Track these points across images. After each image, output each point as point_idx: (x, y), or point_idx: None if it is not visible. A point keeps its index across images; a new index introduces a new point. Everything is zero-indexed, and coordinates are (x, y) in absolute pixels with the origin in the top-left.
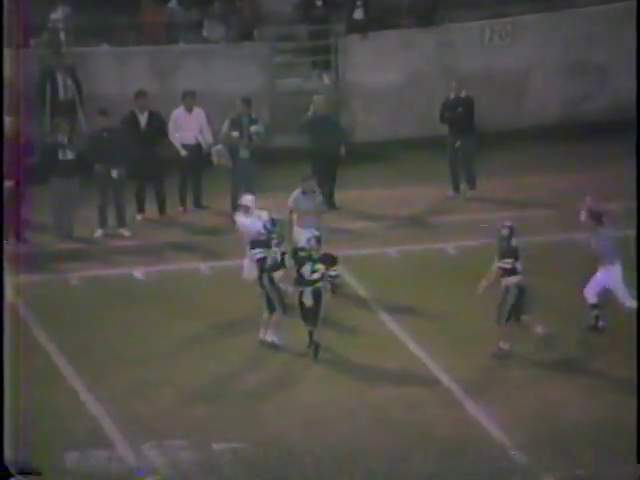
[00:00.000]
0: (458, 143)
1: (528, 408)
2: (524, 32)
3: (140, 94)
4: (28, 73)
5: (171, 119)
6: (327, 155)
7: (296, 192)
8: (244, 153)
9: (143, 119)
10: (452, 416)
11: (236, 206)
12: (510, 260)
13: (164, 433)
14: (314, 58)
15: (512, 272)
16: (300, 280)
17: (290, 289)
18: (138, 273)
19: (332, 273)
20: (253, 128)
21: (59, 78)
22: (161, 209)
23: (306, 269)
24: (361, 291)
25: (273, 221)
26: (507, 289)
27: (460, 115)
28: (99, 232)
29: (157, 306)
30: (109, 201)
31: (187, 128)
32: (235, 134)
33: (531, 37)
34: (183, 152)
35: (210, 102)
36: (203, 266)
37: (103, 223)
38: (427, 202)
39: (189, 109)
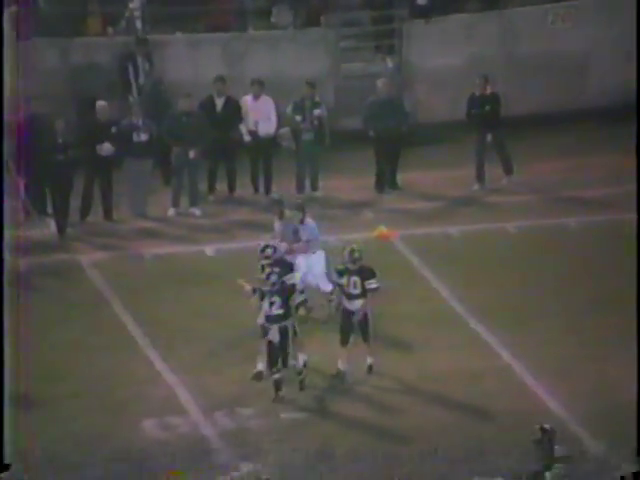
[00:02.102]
0: (489, 137)
1: (587, 384)
2: (586, 15)
3: (218, 79)
4: (108, 59)
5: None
6: (389, 137)
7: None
8: (307, 135)
9: (220, 103)
10: (512, 390)
11: (301, 187)
12: None
13: (234, 402)
14: (378, 43)
15: None
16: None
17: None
18: (209, 250)
19: (372, 286)
20: (316, 111)
21: (139, 63)
22: (231, 189)
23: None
24: (422, 269)
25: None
26: None
27: (488, 112)
28: (172, 211)
29: (227, 282)
30: (183, 181)
31: (254, 115)
32: (298, 117)
33: (593, 20)
34: (247, 137)
35: (278, 86)
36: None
37: (176, 202)
38: (487, 182)
39: (257, 96)
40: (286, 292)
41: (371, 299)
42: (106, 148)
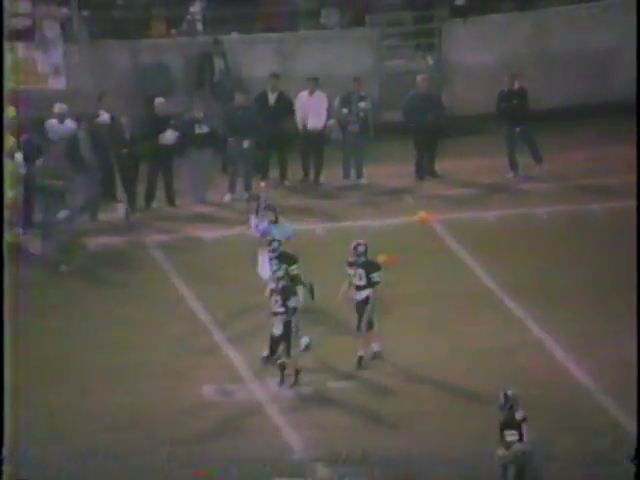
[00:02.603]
0: (518, 130)
1: (612, 357)
2: (612, 15)
3: (272, 76)
4: (172, 58)
5: (297, 101)
6: (427, 128)
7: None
8: (353, 127)
9: (272, 98)
10: (542, 363)
11: (347, 175)
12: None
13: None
14: (419, 41)
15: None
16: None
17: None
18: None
19: (375, 279)
20: (361, 105)
21: (215, 62)
22: (282, 176)
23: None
24: (459, 251)
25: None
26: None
27: (516, 106)
28: (228, 196)
29: None
30: (239, 169)
31: (307, 109)
32: (345, 110)
33: (618, 20)
34: (301, 130)
35: (326, 82)
36: (318, 227)
37: (232, 188)
38: (520, 170)
39: (311, 92)
40: (286, 292)
41: (375, 291)
42: (168, 136)
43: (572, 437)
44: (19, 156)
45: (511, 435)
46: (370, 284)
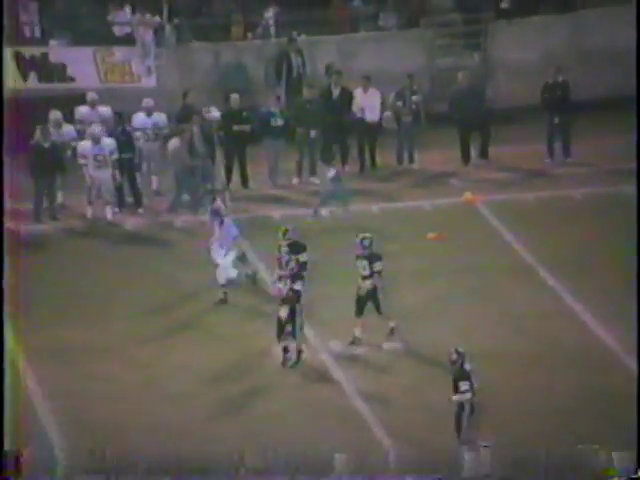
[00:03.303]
0: (557, 120)
1: (636, 324)
2: None
3: (336, 73)
4: (249, 59)
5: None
6: (470, 118)
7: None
8: (407, 118)
9: (336, 92)
10: (574, 328)
11: (401, 160)
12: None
13: (343, 335)
14: (467, 40)
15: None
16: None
17: None
18: (325, 212)
19: (377, 268)
20: (414, 98)
21: (292, 59)
22: (344, 162)
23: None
24: (501, 229)
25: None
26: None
27: (559, 97)
28: (295, 180)
29: (339, 237)
30: (305, 156)
31: (363, 104)
32: (399, 103)
33: None
34: (357, 124)
35: (383, 77)
36: (374, 207)
37: (299, 173)
38: (557, 156)
39: (365, 89)
40: (295, 277)
41: (378, 279)
42: (241, 128)
43: (599, 393)
44: (112, 142)
45: (464, 385)
46: (373, 273)
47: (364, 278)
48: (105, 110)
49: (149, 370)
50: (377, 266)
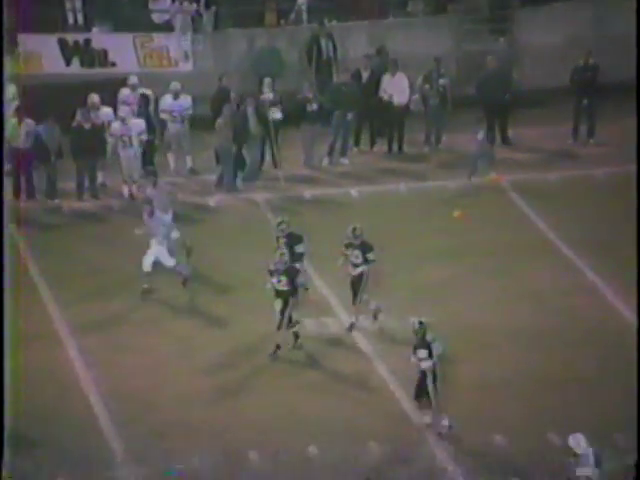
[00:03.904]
0: (585, 101)
1: None
2: None
3: (365, 57)
4: (282, 44)
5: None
6: (497, 101)
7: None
8: (434, 101)
9: (365, 75)
10: (595, 302)
11: (429, 142)
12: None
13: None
14: (494, 25)
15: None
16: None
17: None
18: (354, 192)
19: (370, 257)
20: (441, 81)
21: (323, 43)
22: (372, 144)
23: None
24: (524, 207)
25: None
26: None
27: (588, 79)
28: (325, 161)
29: (366, 216)
30: (338, 138)
31: (391, 88)
32: (427, 86)
33: None
34: (386, 105)
35: (412, 62)
36: (402, 186)
37: (330, 153)
38: (581, 137)
39: (393, 73)
40: (292, 272)
41: (369, 268)
42: (274, 112)
43: (618, 368)
44: (140, 123)
45: (422, 353)
46: (365, 262)
47: (355, 266)
48: (187, 98)
49: (184, 342)
50: (371, 256)
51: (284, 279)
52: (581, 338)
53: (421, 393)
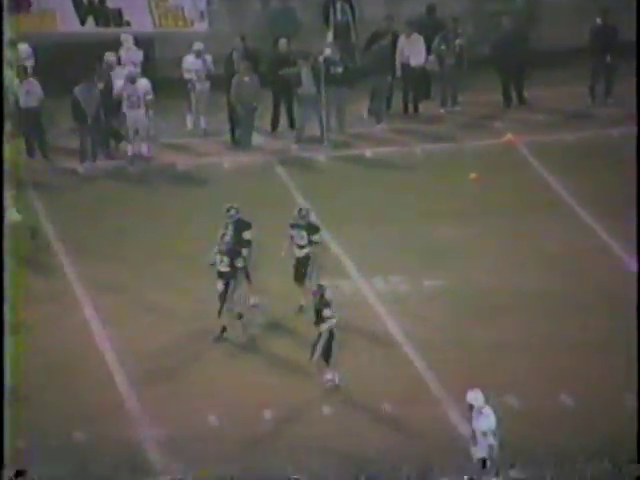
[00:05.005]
0: (605, 61)
1: None
2: None
3: (387, 18)
4: (298, 3)
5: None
6: (513, 61)
7: None
8: (450, 61)
9: (388, 38)
10: (609, 264)
11: (444, 103)
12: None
13: (387, 271)
14: None
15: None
16: None
17: None
18: (368, 153)
19: (315, 239)
20: (457, 41)
21: (339, 4)
22: (388, 106)
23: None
24: (540, 168)
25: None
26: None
27: (607, 38)
28: (369, 122)
29: (380, 178)
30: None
31: (407, 50)
32: (443, 47)
33: None
34: (398, 71)
35: (428, 22)
36: (418, 148)
37: (372, 115)
38: (598, 97)
39: (408, 35)
40: (233, 254)
41: (315, 249)
42: (285, 72)
43: (633, 329)
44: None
45: (328, 311)
46: (310, 243)
47: (300, 247)
48: (209, 58)
49: (202, 303)
50: (316, 237)
51: (226, 260)
52: (594, 300)
53: (330, 354)
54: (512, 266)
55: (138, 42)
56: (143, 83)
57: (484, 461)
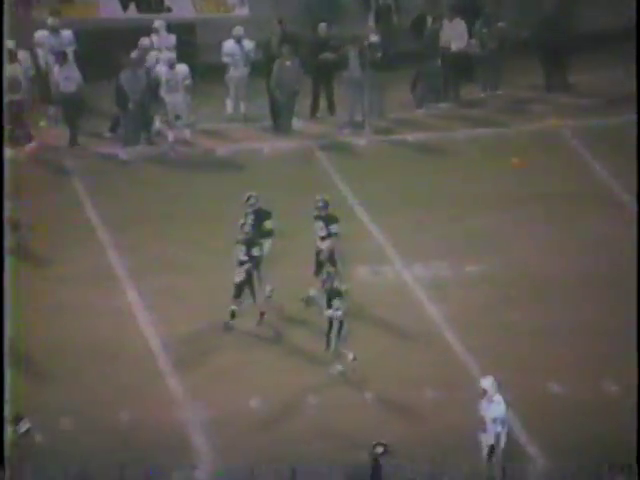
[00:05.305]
0: None
1: None
2: None
3: (430, 1)
4: None
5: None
6: (556, 45)
7: None
8: (492, 44)
9: (429, 21)
10: (627, 218)
11: (486, 87)
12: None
13: (430, 256)
14: None
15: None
16: None
17: None
18: (410, 138)
19: (333, 230)
20: (499, 25)
21: None
22: (446, 94)
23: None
24: (584, 153)
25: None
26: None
27: None
28: (422, 105)
29: (422, 163)
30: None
31: (450, 34)
32: (484, 30)
33: None
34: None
35: (469, 6)
36: (459, 133)
37: (425, 100)
38: None
39: (450, 19)
40: (250, 244)
41: (334, 241)
42: (326, 57)
43: None
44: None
45: (337, 302)
46: (329, 235)
47: (322, 239)
48: (250, 44)
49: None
50: (334, 228)
51: (243, 249)
52: (638, 285)
53: (329, 343)
54: (554, 251)
55: (179, 28)
56: (182, 68)
57: (492, 448)
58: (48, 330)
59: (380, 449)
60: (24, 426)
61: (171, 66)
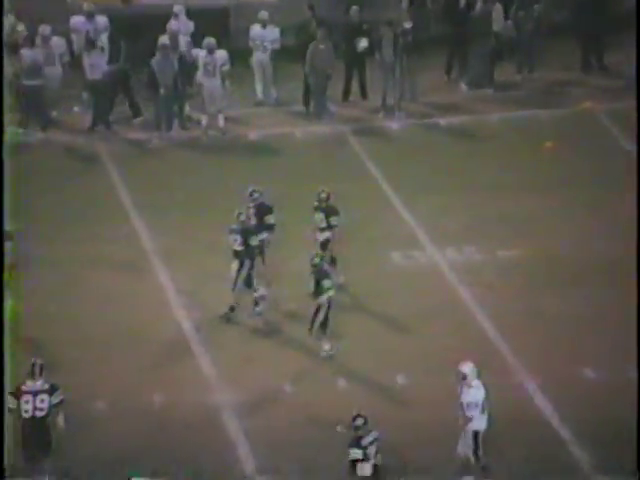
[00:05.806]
0: None
1: None
2: None
3: None
4: None
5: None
6: (593, 26)
7: None
8: (528, 26)
9: (462, 2)
10: None
11: (521, 69)
12: None
13: (462, 240)
14: None
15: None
16: None
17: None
18: (442, 121)
19: (333, 223)
20: (535, 7)
21: None
22: (461, 74)
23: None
24: (620, 137)
25: None
26: None
27: None
28: (465, 88)
29: (454, 147)
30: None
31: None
32: (521, 13)
33: None
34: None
35: None
36: (494, 116)
37: (472, 82)
38: None
39: (485, 1)
40: (246, 234)
41: (334, 233)
42: (362, 43)
43: None
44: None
45: (327, 282)
46: (329, 227)
47: (321, 230)
48: (274, 30)
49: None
50: (334, 220)
51: (239, 238)
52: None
53: (327, 323)
54: (588, 236)
55: (213, 13)
56: (221, 53)
57: (475, 434)
58: (82, 314)
59: (360, 420)
60: (57, 397)
61: (210, 51)
